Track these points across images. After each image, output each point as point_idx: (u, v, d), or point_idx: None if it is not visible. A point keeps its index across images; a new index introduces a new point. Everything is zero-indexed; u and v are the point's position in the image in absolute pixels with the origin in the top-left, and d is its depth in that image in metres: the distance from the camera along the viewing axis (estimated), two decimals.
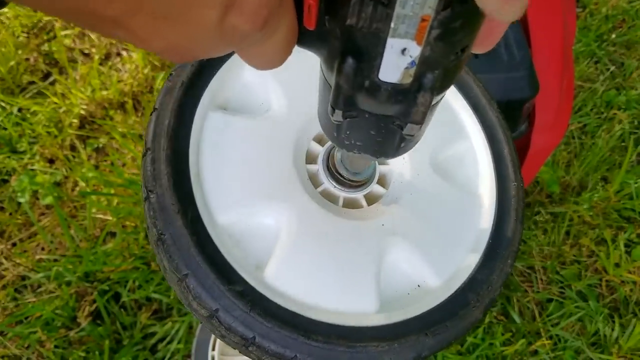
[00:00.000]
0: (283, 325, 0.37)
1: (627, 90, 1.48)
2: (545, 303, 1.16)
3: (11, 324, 1.08)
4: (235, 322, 0.37)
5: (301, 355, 0.37)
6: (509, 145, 0.51)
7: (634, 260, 1.21)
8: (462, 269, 0.45)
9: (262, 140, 0.45)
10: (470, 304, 0.42)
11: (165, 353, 1.05)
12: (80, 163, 1.27)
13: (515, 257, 0.46)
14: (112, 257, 1.13)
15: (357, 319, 0.40)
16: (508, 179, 0.49)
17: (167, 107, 0.42)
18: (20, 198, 1.22)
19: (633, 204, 1.28)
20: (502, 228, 0.47)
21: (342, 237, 0.43)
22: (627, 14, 1.63)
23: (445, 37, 0.23)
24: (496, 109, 0.52)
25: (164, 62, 1.44)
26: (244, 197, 0.42)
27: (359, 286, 0.42)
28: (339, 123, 0.31)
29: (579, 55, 1.53)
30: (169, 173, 0.39)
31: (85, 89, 1.36)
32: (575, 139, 1.39)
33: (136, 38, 0.22)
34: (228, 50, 0.25)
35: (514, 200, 0.48)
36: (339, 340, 0.38)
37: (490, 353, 1.08)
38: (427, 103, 0.26)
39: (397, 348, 0.39)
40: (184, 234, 0.38)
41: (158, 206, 0.38)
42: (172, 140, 0.41)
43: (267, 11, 0.23)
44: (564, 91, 0.79)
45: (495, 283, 0.44)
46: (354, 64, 0.25)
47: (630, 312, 1.16)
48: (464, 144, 0.52)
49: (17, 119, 1.33)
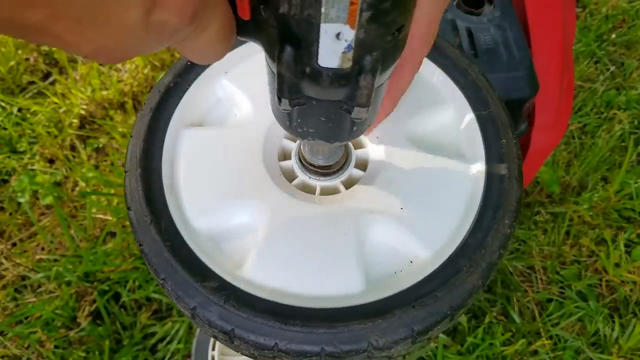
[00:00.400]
0: (259, 314, 0.38)
1: (627, 90, 1.48)
2: (545, 303, 1.16)
3: (11, 324, 1.08)
4: (212, 316, 0.38)
5: (281, 342, 0.37)
6: (494, 103, 0.49)
7: (634, 260, 1.21)
8: (453, 237, 0.43)
9: (232, 146, 0.48)
10: (462, 270, 0.41)
11: (165, 353, 1.05)
12: (80, 163, 1.27)
13: (515, 218, 0.44)
14: (112, 257, 1.13)
15: (339, 301, 0.40)
16: (496, 137, 0.47)
17: (139, 132, 0.47)
18: (20, 198, 1.22)
19: (633, 204, 1.28)
20: (494, 188, 0.45)
21: (318, 224, 0.43)
22: (627, 14, 1.63)
23: (378, 19, 0.23)
24: (477, 71, 0.51)
25: (164, 62, 1.45)
26: (217, 201, 0.45)
27: (339, 268, 0.41)
28: (289, 112, 0.31)
29: (579, 55, 1.53)
30: (142, 189, 0.44)
31: (85, 89, 1.36)
32: (575, 139, 1.39)
33: (64, 43, 0.22)
34: (160, 46, 0.25)
35: (505, 157, 0.46)
36: (318, 322, 0.38)
37: (490, 353, 1.08)
38: (370, 85, 0.26)
39: (382, 324, 0.38)
40: (158, 241, 0.41)
41: (135, 220, 0.43)
42: (144, 160, 0.45)
43: (193, 4, 0.22)
44: (564, 91, 0.79)
45: (490, 246, 0.42)
46: (293, 51, 0.25)
47: (630, 312, 1.16)
48: (441, 111, 0.50)
49: (17, 119, 1.33)
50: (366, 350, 0.37)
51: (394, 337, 0.38)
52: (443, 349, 1.06)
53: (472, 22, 0.73)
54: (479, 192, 0.45)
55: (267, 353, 0.38)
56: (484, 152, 0.47)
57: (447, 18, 0.74)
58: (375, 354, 0.38)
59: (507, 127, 0.48)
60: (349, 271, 0.41)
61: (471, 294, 0.40)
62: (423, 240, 0.43)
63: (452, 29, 0.73)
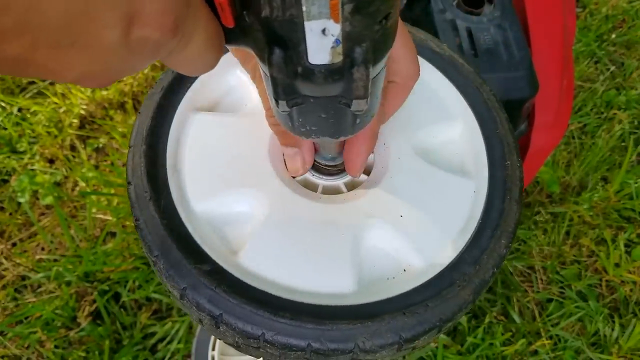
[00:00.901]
0: (249, 302, 0.38)
1: (627, 90, 1.48)
2: (545, 303, 1.16)
3: (11, 324, 1.08)
4: (202, 299, 0.38)
5: (268, 332, 0.37)
6: (502, 124, 0.50)
7: (634, 260, 1.21)
8: (448, 250, 0.43)
9: (240, 134, 0.47)
10: (455, 283, 0.41)
11: (165, 353, 1.05)
12: (80, 163, 1.27)
13: (512, 238, 0.44)
14: (112, 257, 1.13)
15: (330, 299, 0.40)
16: (500, 158, 0.48)
17: (148, 110, 0.47)
18: (20, 198, 1.22)
19: (633, 204, 1.28)
20: (494, 208, 0.45)
21: (317, 221, 0.43)
22: (627, 14, 1.63)
23: (361, 10, 0.23)
24: (488, 91, 0.51)
25: None
26: (219, 186, 0.44)
27: (333, 267, 0.41)
28: (288, 112, 0.31)
29: (579, 55, 1.53)
30: (145, 165, 0.43)
31: (85, 89, 1.36)
32: (575, 139, 1.39)
33: (48, 71, 0.22)
34: (146, 63, 0.24)
35: (508, 179, 0.47)
36: (307, 317, 0.38)
37: (490, 353, 1.08)
38: (364, 77, 0.26)
39: (371, 327, 0.38)
40: (156, 218, 0.41)
41: (134, 195, 0.42)
42: (150, 137, 0.45)
43: (173, 16, 0.22)
44: (564, 91, 0.79)
45: (485, 263, 0.42)
46: (282, 53, 0.25)
47: (630, 312, 1.16)
48: (449, 126, 0.51)
49: (17, 119, 1.33)
50: (352, 351, 0.37)
51: (381, 341, 0.38)
52: (443, 349, 1.06)
53: (472, 22, 0.73)
54: (479, 210, 0.45)
55: (252, 342, 0.38)
56: (487, 171, 0.48)
57: (447, 18, 0.74)
58: (360, 356, 0.38)
59: (513, 149, 0.49)
60: (343, 271, 0.41)
61: (461, 308, 0.40)
62: (419, 250, 0.43)
63: (452, 29, 0.73)
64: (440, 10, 0.75)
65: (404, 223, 0.44)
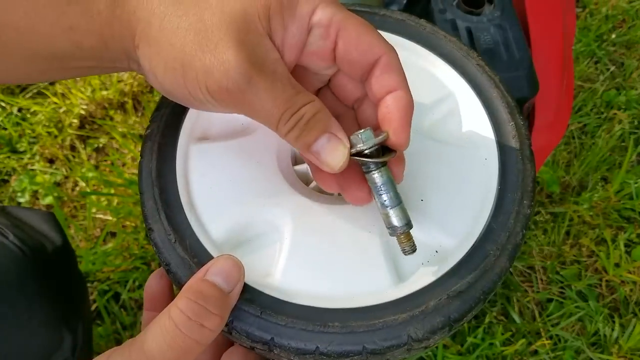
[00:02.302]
0: (296, 320, 0.38)
1: (627, 90, 1.48)
2: (545, 303, 1.16)
3: None
4: (250, 327, 0.38)
5: (322, 345, 0.37)
6: (497, 88, 0.50)
7: (634, 260, 1.21)
8: (475, 223, 0.44)
9: (245, 155, 0.47)
10: (490, 254, 0.42)
11: None
12: (80, 163, 1.27)
13: (533, 197, 0.45)
14: (112, 257, 1.13)
15: (373, 297, 0.40)
16: (504, 120, 0.48)
17: (150, 152, 0.46)
18: (20, 198, 1.22)
19: (633, 204, 1.28)
20: (509, 170, 0.46)
21: (342, 223, 0.43)
22: (627, 14, 1.63)
23: None
24: (477, 57, 0.51)
25: None
26: (238, 213, 0.44)
27: (368, 265, 0.42)
28: None
29: (579, 55, 1.53)
30: (162, 209, 0.43)
31: (85, 89, 1.36)
32: (575, 139, 1.39)
33: None
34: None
35: (515, 139, 0.47)
36: (356, 321, 0.38)
37: (490, 353, 1.08)
38: None
39: (419, 316, 0.38)
40: (186, 259, 0.41)
41: (159, 240, 0.42)
42: (158, 179, 0.45)
43: None
44: (564, 91, 0.79)
45: (513, 227, 0.43)
46: None
47: (630, 312, 1.16)
48: (447, 101, 0.51)
49: (17, 119, 1.33)
50: (406, 344, 0.38)
51: (432, 327, 0.38)
52: (443, 349, 1.07)
53: (472, 22, 0.73)
54: (495, 176, 0.46)
55: (309, 357, 0.38)
56: (494, 136, 0.48)
57: (447, 18, 0.74)
58: (415, 345, 0.38)
59: (514, 109, 0.49)
60: (378, 267, 0.41)
61: (500, 276, 0.41)
62: (445, 230, 0.43)
63: (452, 28, 0.73)
64: (440, 10, 0.75)
65: (426, 206, 0.44)
